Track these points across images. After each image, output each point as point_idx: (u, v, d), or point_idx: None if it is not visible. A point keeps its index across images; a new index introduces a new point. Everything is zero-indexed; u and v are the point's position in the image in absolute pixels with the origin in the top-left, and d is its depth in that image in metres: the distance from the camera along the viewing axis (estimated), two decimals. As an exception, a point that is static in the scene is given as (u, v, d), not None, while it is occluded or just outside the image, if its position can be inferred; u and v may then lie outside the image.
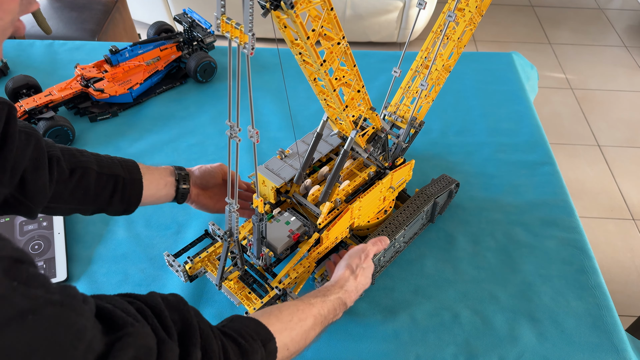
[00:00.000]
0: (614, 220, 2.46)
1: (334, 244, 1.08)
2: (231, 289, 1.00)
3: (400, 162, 1.15)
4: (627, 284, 2.20)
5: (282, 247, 0.98)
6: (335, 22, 0.75)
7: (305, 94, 1.65)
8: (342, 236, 1.08)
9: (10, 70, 1.70)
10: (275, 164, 1.07)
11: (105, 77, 1.54)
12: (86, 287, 1.13)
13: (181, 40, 1.68)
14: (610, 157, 2.79)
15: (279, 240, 0.98)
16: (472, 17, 1.05)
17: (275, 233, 0.98)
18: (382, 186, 1.09)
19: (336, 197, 1.01)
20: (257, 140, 0.71)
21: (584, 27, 3.84)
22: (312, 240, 1.00)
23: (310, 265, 1.03)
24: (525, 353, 1.03)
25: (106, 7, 2.47)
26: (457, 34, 1.06)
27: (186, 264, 1.05)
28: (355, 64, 0.86)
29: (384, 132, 1.04)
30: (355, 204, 1.03)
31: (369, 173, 1.09)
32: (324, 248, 1.04)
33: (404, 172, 1.16)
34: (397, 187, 1.16)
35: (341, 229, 1.06)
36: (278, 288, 0.97)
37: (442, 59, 1.08)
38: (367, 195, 1.06)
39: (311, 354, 1.02)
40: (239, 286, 1.01)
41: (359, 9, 3.19)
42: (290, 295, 0.98)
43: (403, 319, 1.08)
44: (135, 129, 1.52)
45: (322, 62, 0.78)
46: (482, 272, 1.17)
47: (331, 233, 1.02)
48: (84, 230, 1.24)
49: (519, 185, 1.37)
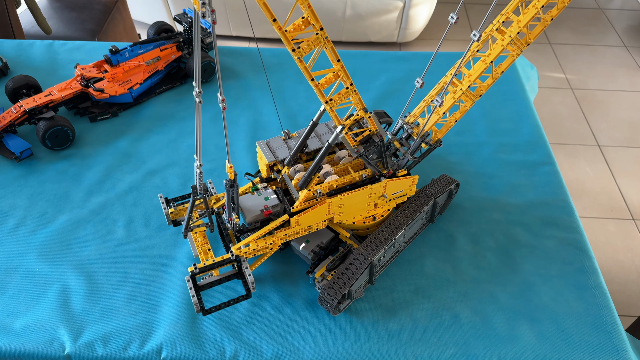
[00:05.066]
0: (614, 220, 2.46)
1: (307, 232, 1.07)
2: (195, 240, 1.05)
3: (401, 173, 1.12)
4: (627, 284, 2.20)
5: (251, 218, 1.02)
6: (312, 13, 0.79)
7: (305, 94, 1.65)
8: (317, 226, 1.07)
9: (10, 70, 1.70)
10: (275, 143, 1.11)
11: (105, 77, 1.54)
12: (86, 287, 1.13)
13: (181, 40, 1.68)
14: (610, 157, 2.79)
15: (251, 211, 1.02)
16: (514, 43, 0.98)
17: (250, 204, 1.03)
18: (371, 191, 1.06)
19: (317, 189, 1.02)
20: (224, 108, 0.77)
21: (584, 27, 3.84)
22: (279, 220, 1.01)
23: (274, 244, 1.03)
24: (524, 353, 1.03)
25: (106, 7, 2.47)
26: (491, 57, 1.01)
27: (170, 209, 1.11)
28: (340, 60, 0.86)
29: (378, 137, 1.02)
30: (335, 199, 1.02)
31: (362, 175, 1.07)
32: (294, 232, 1.04)
33: (403, 185, 1.11)
34: (392, 197, 1.12)
35: (315, 219, 1.04)
36: (232, 252, 1.00)
37: (469, 79, 1.04)
38: (351, 194, 1.04)
39: (311, 354, 1.02)
40: (203, 241, 1.05)
41: (359, 9, 3.19)
42: (244, 265, 0.99)
43: (403, 319, 1.08)
44: (135, 129, 1.52)
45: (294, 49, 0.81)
46: (482, 272, 1.17)
47: (302, 220, 1.02)
48: (84, 230, 1.24)
49: (519, 185, 1.37)
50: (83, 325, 1.06)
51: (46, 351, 1.03)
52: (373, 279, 1.11)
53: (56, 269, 1.16)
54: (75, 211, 1.29)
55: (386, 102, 1.62)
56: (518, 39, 0.99)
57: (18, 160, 1.39)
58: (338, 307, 1.06)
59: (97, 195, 1.33)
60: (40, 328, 1.06)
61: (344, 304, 1.08)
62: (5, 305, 1.10)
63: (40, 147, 1.44)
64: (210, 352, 1.03)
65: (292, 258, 1.19)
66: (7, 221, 1.26)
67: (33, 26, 2.35)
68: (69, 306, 1.09)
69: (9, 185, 1.34)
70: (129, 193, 1.33)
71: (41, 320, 1.07)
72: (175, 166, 1.41)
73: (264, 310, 1.09)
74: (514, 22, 0.97)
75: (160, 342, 1.04)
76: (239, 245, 1.01)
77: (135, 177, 1.38)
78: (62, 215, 1.28)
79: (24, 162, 1.41)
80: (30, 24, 2.36)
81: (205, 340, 1.04)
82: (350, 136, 1.01)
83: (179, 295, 1.11)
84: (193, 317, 1.08)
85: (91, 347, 1.03)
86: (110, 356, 1.02)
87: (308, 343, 1.04)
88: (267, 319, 1.08)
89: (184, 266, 1.17)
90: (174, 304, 1.10)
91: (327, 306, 1.05)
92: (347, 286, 1.02)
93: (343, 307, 1.09)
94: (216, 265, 0.99)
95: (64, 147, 1.44)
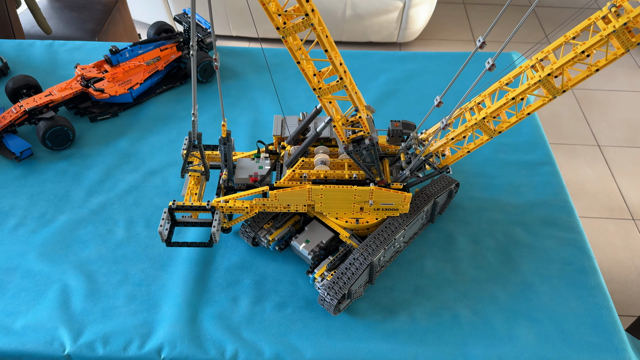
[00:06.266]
0: (614, 220, 2.46)
1: (286, 209, 1.10)
2: (187, 182, 1.13)
3: (395, 187, 1.07)
4: (627, 284, 2.20)
5: (238, 180, 1.11)
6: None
7: (305, 94, 1.65)
8: (297, 208, 1.09)
9: (10, 70, 1.70)
10: (290, 121, 1.18)
11: (105, 77, 1.54)
12: (86, 286, 1.13)
13: (181, 40, 1.68)
14: (610, 157, 2.79)
15: (241, 172, 1.12)
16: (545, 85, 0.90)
17: (245, 167, 1.12)
18: (355, 192, 1.05)
19: (305, 173, 1.05)
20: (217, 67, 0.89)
21: (584, 27, 3.83)
22: (259, 189, 1.08)
23: (250, 209, 1.08)
24: (524, 353, 1.03)
25: (106, 7, 2.47)
26: (513, 93, 0.94)
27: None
28: (328, 50, 0.86)
29: (370, 141, 0.99)
30: (316, 187, 1.04)
31: (352, 175, 1.07)
32: (272, 206, 1.08)
33: (393, 198, 1.07)
34: (381, 207, 1.10)
35: (295, 201, 1.07)
36: (209, 202, 1.06)
37: (484, 111, 0.98)
38: (332, 188, 1.04)
39: (311, 354, 1.02)
40: (194, 185, 1.12)
41: (359, 9, 3.19)
42: (217, 216, 1.04)
43: (403, 319, 1.08)
44: (135, 129, 1.52)
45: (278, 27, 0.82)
46: (482, 272, 1.17)
47: (281, 196, 1.06)
48: (84, 230, 1.24)
49: (519, 185, 1.37)
50: (83, 325, 1.06)
51: (46, 351, 1.03)
52: (373, 279, 1.11)
53: (56, 268, 1.16)
54: (76, 211, 1.29)
55: (386, 102, 1.62)
56: (550, 81, 0.88)
57: (18, 160, 1.39)
58: (338, 307, 1.06)
59: (97, 195, 1.33)
60: (41, 328, 1.06)
61: (344, 304, 1.08)
62: (5, 305, 1.10)
63: (40, 147, 1.44)
64: (210, 352, 1.03)
65: (292, 258, 1.19)
66: (7, 221, 1.26)
67: (33, 26, 2.35)
68: (69, 306, 1.09)
69: (9, 185, 1.35)
70: (129, 193, 1.33)
71: (41, 320, 1.07)
72: (175, 166, 1.41)
73: (264, 310, 1.09)
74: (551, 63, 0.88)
75: (161, 342, 1.04)
76: (219, 199, 1.08)
77: (136, 177, 1.38)
78: (62, 215, 1.28)
79: (24, 162, 1.41)
80: (31, 24, 2.36)
81: (205, 340, 1.04)
82: (343, 131, 1.00)
83: (179, 295, 1.11)
84: (193, 317, 1.08)
85: (91, 347, 1.03)
86: (111, 356, 1.03)
87: (308, 343, 1.04)
88: (267, 319, 1.08)
89: (184, 266, 1.17)
90: (174, 304, 1.10)
91: (327, 306, 1.05)
92: (347, 286, 1.02)
93: (343, 307, 1.09)
94: (192, 208, 1.06)
95: (64, 147, 1.44)
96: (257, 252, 1.20)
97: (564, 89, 0.90)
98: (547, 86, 0.90)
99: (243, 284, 1.14)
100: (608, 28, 0.81)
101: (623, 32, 0.80)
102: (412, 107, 1.62)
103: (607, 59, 0.85)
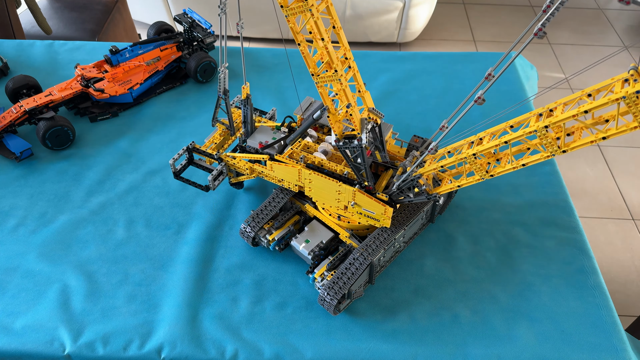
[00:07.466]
0: (613, 220, 2.46)
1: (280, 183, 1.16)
2: (215, 132, 1.28)
3: (380, 196, 1.04)
4: (626, 284, 2.20)
5: (250, 142, 1.19)
6: None
7: (306, 94, 1.65)
8: (289, 185, 1.15)
9: (10, 70, 1.70)
10: (316, 104, 1.27)
11: (105, 77, 1.54)
12: (86, 286, 1.13)
13: (181, 40, 1.68)
14: (610, 157, 2.79)
15: (255, 136, 1.19)
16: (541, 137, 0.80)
17: (261, 134, 1.19)
18: (339, 188, 1.05)
19: (303, 154, 1.10)
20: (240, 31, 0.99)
21: (584, 27, 3.84)
22: (260, 156, 1.16)
23: (248, 170, 1.20)
24: (524, 353, 1.03)
25: (106, 7, 2.47)
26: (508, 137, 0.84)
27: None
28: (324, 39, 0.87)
29: (359, 142, 0.95)
30: (306, 171, 1.08)
31: (345, 171, 1.07)
32: (269, 176, 1.17)
33: (374, 207, 1.03)
34: (364, 212, 1.06)
35: (287, 177, 1.13)
36: (218, 154, 1.20)
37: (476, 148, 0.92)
38: (320, 177, 1.06)
39: (311, 354, 1.02)
40: (218, 136, 1.27)
41: (359, 9, 3.19)
42: (220, 167, 1.20)
43: (403, 319, 1.08)
44: (135, 129, 1.52)
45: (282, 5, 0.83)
46: (481, 272, 1.17)
47: (276, 168, 1.13)
48: (84, 230, 1.24)
49: (519, 185, 1.37)
50: (83, 325, 1.06)
51: (46, 351, 1.03)
52: (373, 279, 1.11)
53: (56, 268, 1.16)
54: (76, 211, 1.29)
55: (386, 103, 1.62)
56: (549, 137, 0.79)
57: (18, 160, 1.39)
58: (338, 307, 1.06)
59: (97, 195, 1.33)
60: (41, 328, 1.06)
61: (344, 304, 1.08)
62: (5, 305, 1.10)
63: (40, 147, 1.44)
64: (210, 352, 1.03)
65: (292, 258, 1.19)
66: (7, 221, 1.26)
67: (33, 26, 2.35)
68: (69, 306, 1.10)
69: (9, 185, 1.35)
70: (129, 193, 1.33)
71: (41, 320, 1.07)
72: (175, 166, 1.41)
73: (264, 310, 1.09)
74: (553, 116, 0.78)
75: (161, 342, 1.04)
76: (229, 153, 1.21)
77: (136, 177, 1.38)
78: (62, 215, 1.28)
79: (24, 162, 1.41)
80: (31, 24, 2.36)
81: (205, 340, 1.04)
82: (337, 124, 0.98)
83: (179, 295, 1.11)
84: (193, 317, 1.08)
85: (91, 347, 1.03)
86: (111, 356, 1.03)
87: (308, 343, 1.04)
88: (267, 319, 1.08)
89: (184, 266, 1.17)
90: (174, 304, 1.10)
91: (327, 306, 1.05)
92: (347, 286, 1.02)
93: (343, 307, 1.09)
94: (204, 153, 1.21)
95: (64, 147, 1.44)
96: (257, 252, 1.20)
97: (564, 148, 0.80)
98: (543, 140, 0.80)
99: (243, 284, 1.14)
100: (620, 92, 0.69)
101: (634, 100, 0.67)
102: (412, 108, 1.62)
103: (618, 129, 0.74)
